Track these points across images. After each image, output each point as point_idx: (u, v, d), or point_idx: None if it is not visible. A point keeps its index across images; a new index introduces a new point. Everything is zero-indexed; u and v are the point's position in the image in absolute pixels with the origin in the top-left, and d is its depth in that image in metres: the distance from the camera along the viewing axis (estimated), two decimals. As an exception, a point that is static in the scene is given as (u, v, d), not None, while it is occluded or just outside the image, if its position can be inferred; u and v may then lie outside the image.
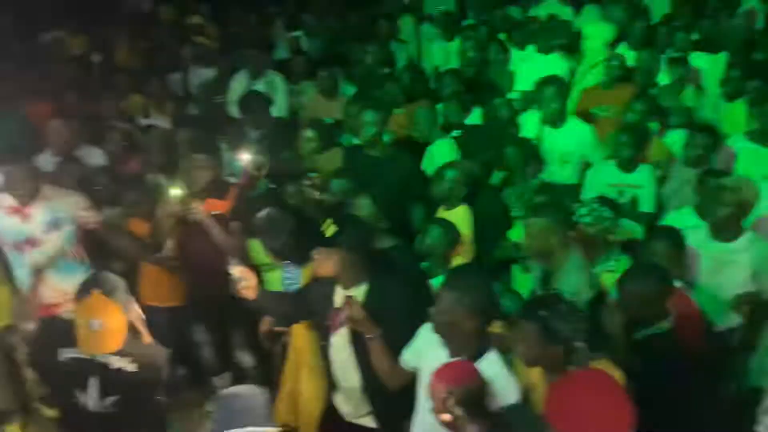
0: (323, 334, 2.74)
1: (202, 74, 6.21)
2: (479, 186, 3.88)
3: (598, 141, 4.24)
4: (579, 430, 1.75)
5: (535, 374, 2.44)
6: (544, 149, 4.13)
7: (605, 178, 3.93)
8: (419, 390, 2.49)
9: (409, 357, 2.55)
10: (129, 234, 3.64)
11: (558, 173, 4.12)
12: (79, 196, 3.49)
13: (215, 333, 3.89)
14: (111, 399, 2.60)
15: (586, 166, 4.15)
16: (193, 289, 3.67)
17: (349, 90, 5.39)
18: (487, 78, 5.30)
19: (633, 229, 3.71)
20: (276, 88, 5.62)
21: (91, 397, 2.57)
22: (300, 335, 3.13)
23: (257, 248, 3.43)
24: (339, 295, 2.66)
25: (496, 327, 2.59)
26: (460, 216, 3.61)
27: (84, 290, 2.44)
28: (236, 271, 2.62)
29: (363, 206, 3.19)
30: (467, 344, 2.35)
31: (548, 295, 2.64)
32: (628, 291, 2.62)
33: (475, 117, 4.71)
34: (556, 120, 4.16)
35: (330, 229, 2.58)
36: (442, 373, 2.12)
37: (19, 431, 2.60)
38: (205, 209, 3.46)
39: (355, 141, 4.25)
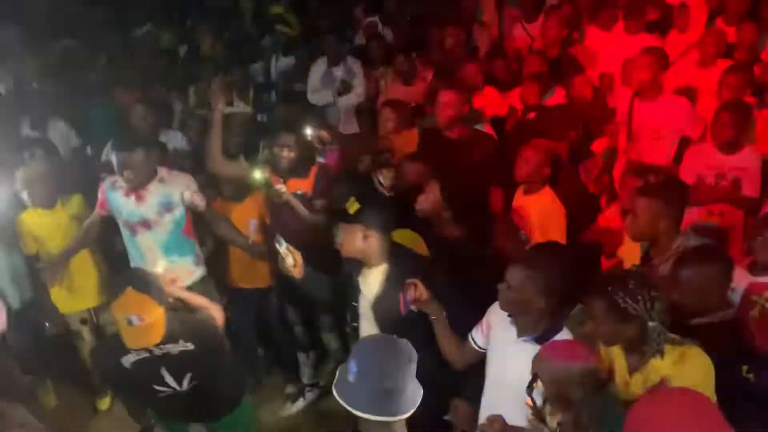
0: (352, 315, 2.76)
1: (283, 62, 6.31)
2: (562, 167, 3.69)
3: (696, 119, 3.94)
4: None
5: (617, 355, 2.31)
6: (635, 124, 3.87)
7: (704, 160, 3.65)
8: (488, 369, 2.43)
9: (477, 336, 2.49)
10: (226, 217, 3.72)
11: (649, 150, 3.85)
12: (190, 179, 3.58)
13: (303, 314, 3.95)
14: (188, 378, 2.68)
15: (683, 145, 3.86)
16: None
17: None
18: (570, 57, 5.05)
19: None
20: (354, 74, 5.61)
21: (171, 385, 2.65)
22: None
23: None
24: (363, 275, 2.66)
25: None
26: (544, 199, 3.45)
27: (118, 288, 2.50)
28: (282, 249, 2.60)
29: (429, 191, 3.08)
30: (536, 323, 2.27)
31: (618, 271, 2.48)
32: (686, 274, 2.43)
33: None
34: (648, 93, 3.88)
35: (353, 207, 2.57)
36: (553, 350, 2.02)
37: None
38: (288, 189, 3.47)
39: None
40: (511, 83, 4.90)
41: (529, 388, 1.79)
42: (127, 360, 2.58)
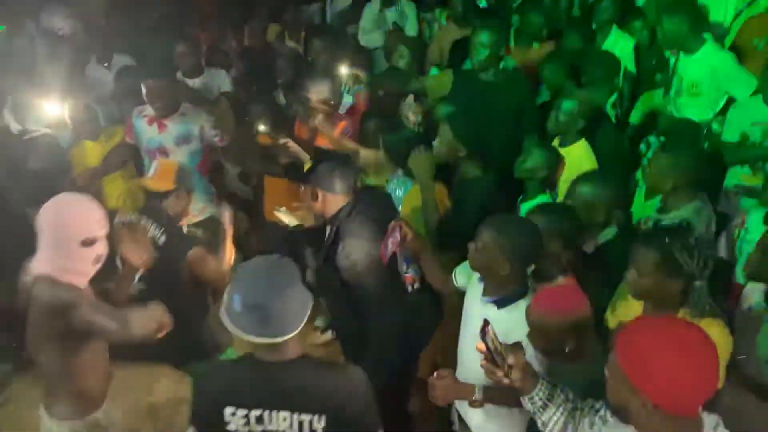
0: None
1: (339, 3, 6.32)
2: (599, 120, 3.61)
3: (746, 75, 3.71)
4: (656, 386, 1.46)
5: (636, 311, 2.30)
6: (676, 78, 3.70)
7: (750, 116, 3.45)
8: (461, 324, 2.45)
9: (459, 276, 2.53)
10: (254, 152, 3.85)
11: (687, 106, 3.68)
12: (209, 115, 3.75)
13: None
14: None
15: (728, 101, 3.67)
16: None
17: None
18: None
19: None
20: (407, 16, 5.57)
21: None
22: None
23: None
24: None
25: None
26: (579, 152, 3.37)
27: None
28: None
29: (443, 132, 3.08)
30: (499, 287, 2.25)
31: (678, 226, 2.44)
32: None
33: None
34: (687, 46, 3.69)
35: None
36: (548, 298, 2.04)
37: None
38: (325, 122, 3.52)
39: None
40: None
41: (482, 333, 1.79)
42: None
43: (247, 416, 1.88)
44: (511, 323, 2.12)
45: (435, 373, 2.27)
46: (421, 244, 2.59)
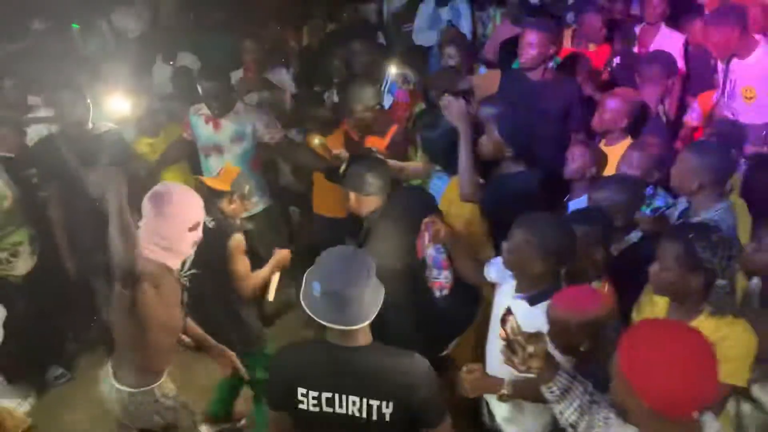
0: None
1: (396, 3, 6.41)
2: (647, 118, 3.56)
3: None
4: (651, 389, 1.50)
5: (658, 305, 2.31)
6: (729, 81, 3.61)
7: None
8: (491, 319, 2.49)
9: (490, 269, 2.58)
10: (307, 148, 3.95)
11: (742, 109, 3.57)
12: (263, 114, 3.90)
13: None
14: None
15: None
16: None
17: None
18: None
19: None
20: (461, 15, 5.61)
21: None
22: None
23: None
24: None
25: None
26: (621, 151, 3.32)
27: None
28: None
29: (489, 131, 3.09)
30: (531, 284, 2.29)
31: (702, 223, 2.42)
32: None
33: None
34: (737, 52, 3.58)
35: None
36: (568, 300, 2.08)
37: None
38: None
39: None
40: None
41: (503, 320, 1.84)
42: None
43: (318, 398, 1.97)
44: (542, 320, 2.16)
45: (464, 367, 2.34)
46: (454, 239, 2.65)
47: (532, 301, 2.27)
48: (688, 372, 1.46)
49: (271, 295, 3.21)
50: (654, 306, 2.33)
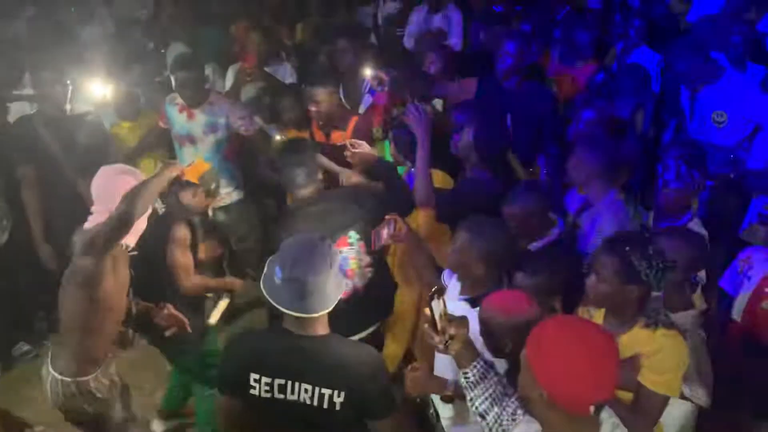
0: None
1: (391, 6, 6.46)
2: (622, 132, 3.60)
3: None
4: (551, 378, 1.57)
5: (595, 317, 2.34)
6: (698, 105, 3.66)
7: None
8: None
9: (445, 275, 2.62)
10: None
11: (712, 132, 3.63)
12: (237, 106, 3.93)
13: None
14: None
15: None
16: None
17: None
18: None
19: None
20: (452, 23, 5.66)
21: None
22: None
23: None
24: None
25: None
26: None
27: None
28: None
29: (463, 134, 3.13)
30: (473, 286, 2.33)
31: (638, 233, 2.45)
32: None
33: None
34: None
35: None
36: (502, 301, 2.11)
37: None
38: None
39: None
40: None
41: (429, 299, 1.87)
42: None
43: (270, 384, 1.99)
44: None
45: (409, 366, 2.36)
46: (415, 240, 2.68)
47: (474, 304, 2.29)
48: (587, 366, 1.51)
49: (213, 319, 3.20)
50: (590, 318, 2.36)
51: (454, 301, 2.36)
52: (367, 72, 3.75)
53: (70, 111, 4.05)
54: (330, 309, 1.97)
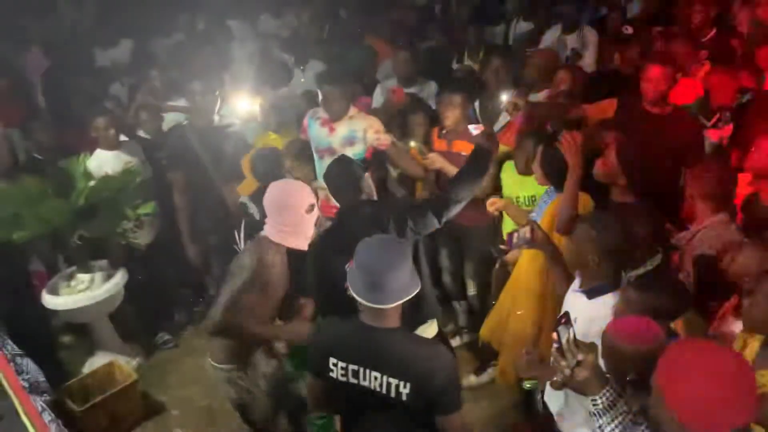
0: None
1: (523, 27, 6.42)
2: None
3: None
4: (683, 403, 1.52)
5: (752, 343, 2.23)
6: None
7: None
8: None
9: None
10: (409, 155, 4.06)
11: None
12: (376, 121, 4.06)
13: (454, 260, 4.23)
14: None
15: None
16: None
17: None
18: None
19: None
20: (587, 43, 5.55)
21: None
22: (527, 257, 3.28)
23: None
24: None
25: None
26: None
27: None
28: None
29: (608, 155, 3.06)
30: (591, 279, 2.42)
31: None
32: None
33: None
34: None
35: None
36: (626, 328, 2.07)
37: None
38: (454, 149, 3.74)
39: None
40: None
41: (557, 323, 1.86)
42: None
43: (345, 369, 2.17)
44: (595, 312, 2.34)
45: (524, 350, 2.44)
46: (552, 250, 2.78)
47: (590, 296, 2.40)
48: (723, 391, 1.48)
49: None
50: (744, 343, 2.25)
51: (573, 292, 2.51)
52: (503, 98, 3.74)
53: (218, 122, 4.37)
54: (402, 302, 2.10)
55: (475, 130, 3.64)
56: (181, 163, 4.21)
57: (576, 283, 2.51)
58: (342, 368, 2.17)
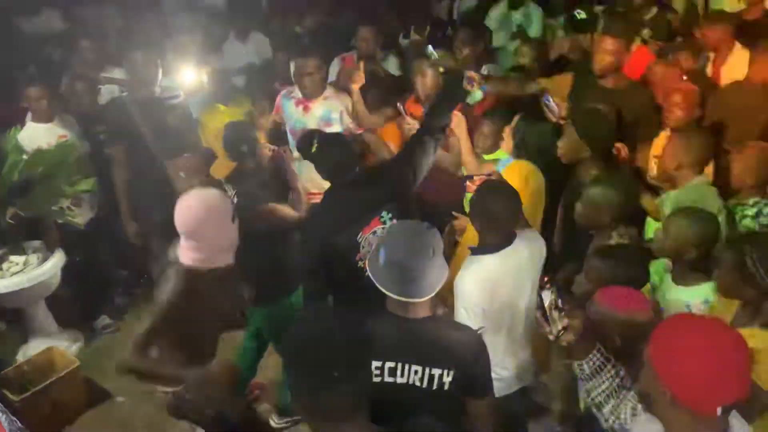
0: None
1: (468, 2, 6.42)
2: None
3: None
4: (675, 376, 1.50)
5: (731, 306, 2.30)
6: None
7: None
8: None
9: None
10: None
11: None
12: (350, 101, 3.90)
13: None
14: None
15: None
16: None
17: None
18: None
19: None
20: (532, 18, 5.59)
21: None
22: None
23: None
24: None
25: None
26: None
27: None
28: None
29: (569, 133, 3.09)
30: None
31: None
32: None
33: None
34: None
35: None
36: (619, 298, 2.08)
37: None
38: None
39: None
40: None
41: (541, 288, 1.83)
42: None
43: (381, 368, 1.97)
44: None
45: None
46: None
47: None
48: (715, 365, 1.45)
49: None
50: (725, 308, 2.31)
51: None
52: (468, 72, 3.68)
53: (159, 92, 4.13)
54: (432, 295, 1.96)
55: None
56: (120, 137, 3.96)
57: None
58: (376, 368, 1.96)
